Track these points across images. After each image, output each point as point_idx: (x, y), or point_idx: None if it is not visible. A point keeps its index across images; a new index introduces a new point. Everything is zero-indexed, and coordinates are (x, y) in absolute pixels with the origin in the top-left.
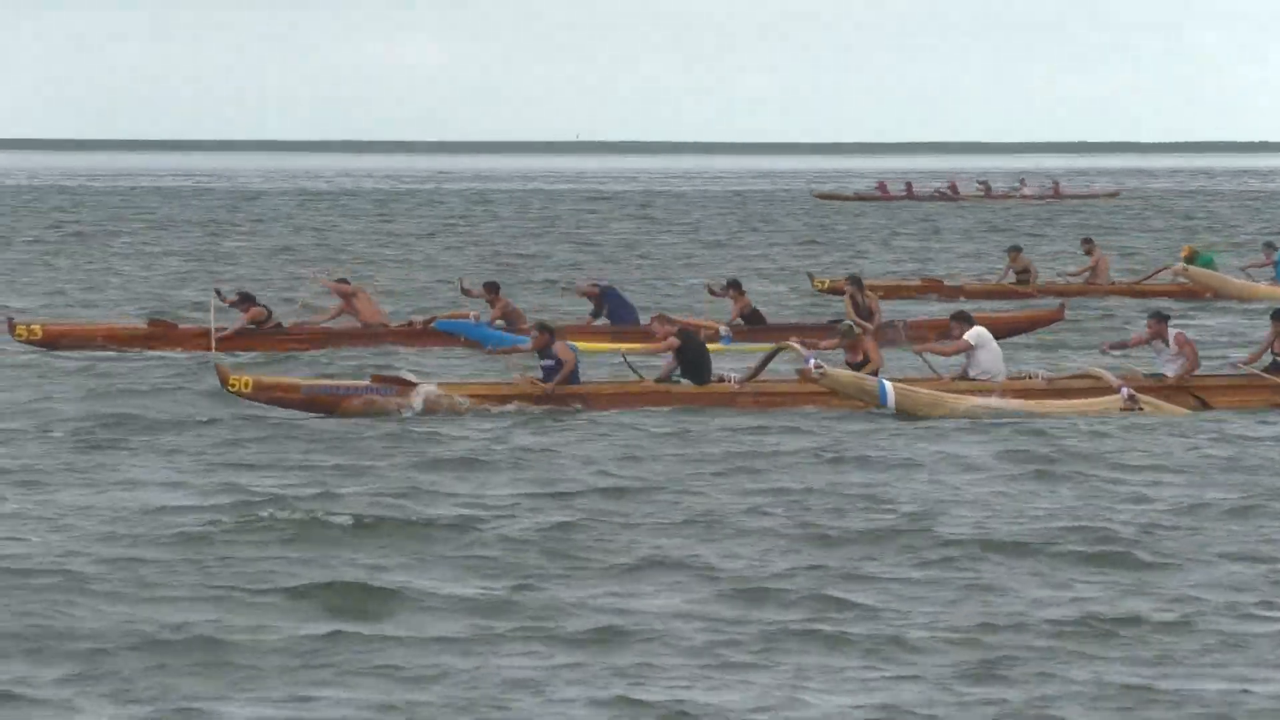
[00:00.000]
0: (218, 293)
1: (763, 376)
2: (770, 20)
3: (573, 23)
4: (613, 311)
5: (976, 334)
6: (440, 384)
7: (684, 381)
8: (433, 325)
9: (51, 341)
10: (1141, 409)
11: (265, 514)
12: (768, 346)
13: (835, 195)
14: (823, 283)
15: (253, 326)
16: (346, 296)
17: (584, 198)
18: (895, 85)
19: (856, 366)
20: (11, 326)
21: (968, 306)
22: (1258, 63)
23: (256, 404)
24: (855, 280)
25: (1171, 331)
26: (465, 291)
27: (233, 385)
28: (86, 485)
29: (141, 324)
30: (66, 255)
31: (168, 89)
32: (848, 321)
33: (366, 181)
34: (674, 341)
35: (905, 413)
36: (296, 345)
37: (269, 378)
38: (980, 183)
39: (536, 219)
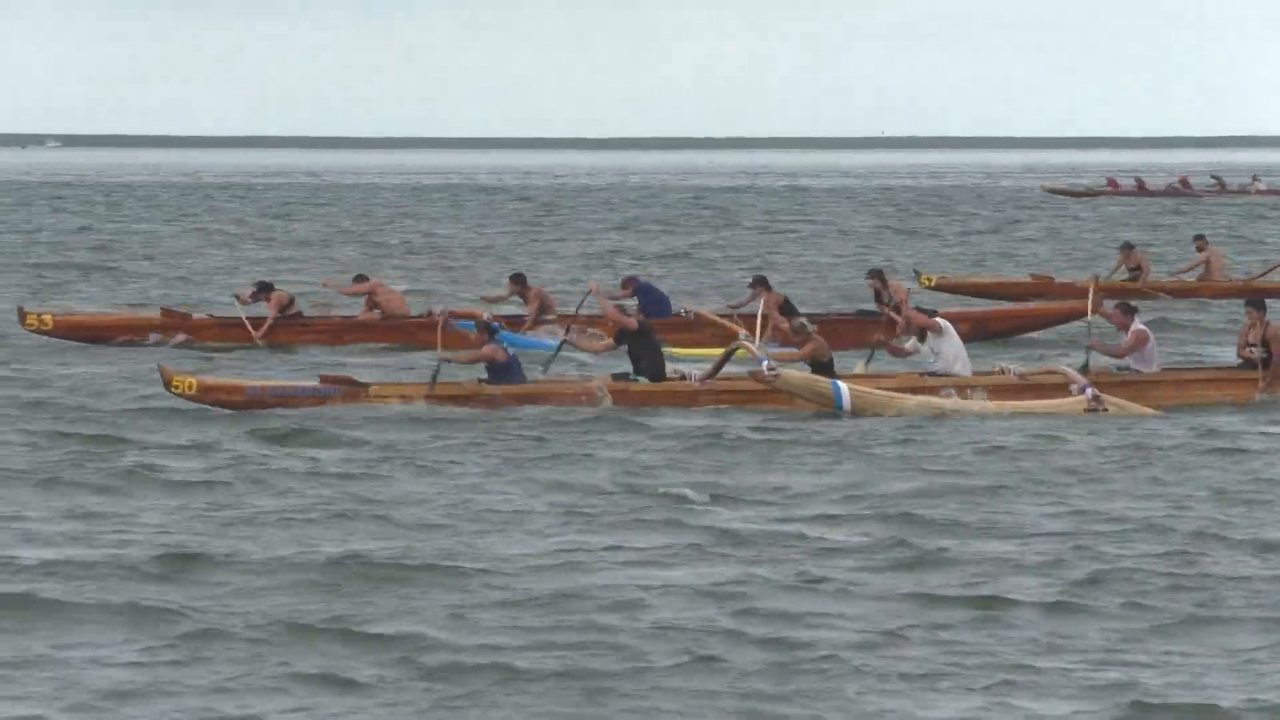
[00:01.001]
0: (236, 298)
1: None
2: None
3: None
4: (645, 306)
5: (944, 322)
6: (387, 384)
7: (641, 379)
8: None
9: (64, 332)
10: (1106, 409)
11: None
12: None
13: (1065, 191)
14: (930, 279)
15: (279, 315)
16: (368, 293)
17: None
18: None
19: (816, 365)
20: (22, 316)
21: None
22: None
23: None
24: (878, 274)
25: (1135, 324)
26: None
27: (176, 387)
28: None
29: (155, 314)
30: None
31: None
32: (800, 320)
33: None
34: (609, 343)
35: (862, 413)
36: (317, 337)
37: (213, 379)
38: (1214, 177)
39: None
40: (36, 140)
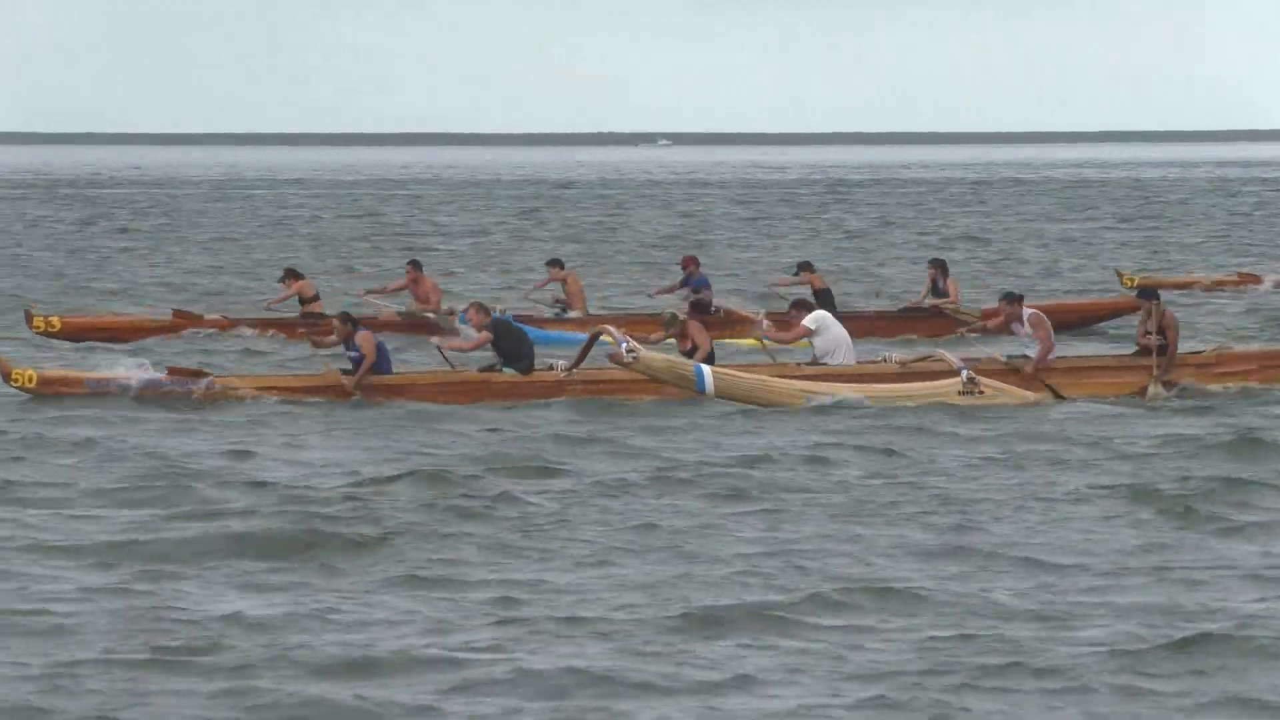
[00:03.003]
0: (267, 308)
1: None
2: None
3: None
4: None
5: (815, 318)
6: (234, 376)
7: (508, 371)
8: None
9: (72, 334)
10: (981, 392)
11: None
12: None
13: None
14: (1131, 279)
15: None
16: (410, 284)
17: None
18: None
19: (687, 354)
20: (29, 318)
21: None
22: None
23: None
24: (938, 263)
25: (1026, 312)
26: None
27: (15, 380)
28: None
29: (166, 315)
30: None
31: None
32: (670, 310)
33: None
34: (486, 335)
35: (726, 398)
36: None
37: (53, 372)
38: None
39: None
40: (648, 139)
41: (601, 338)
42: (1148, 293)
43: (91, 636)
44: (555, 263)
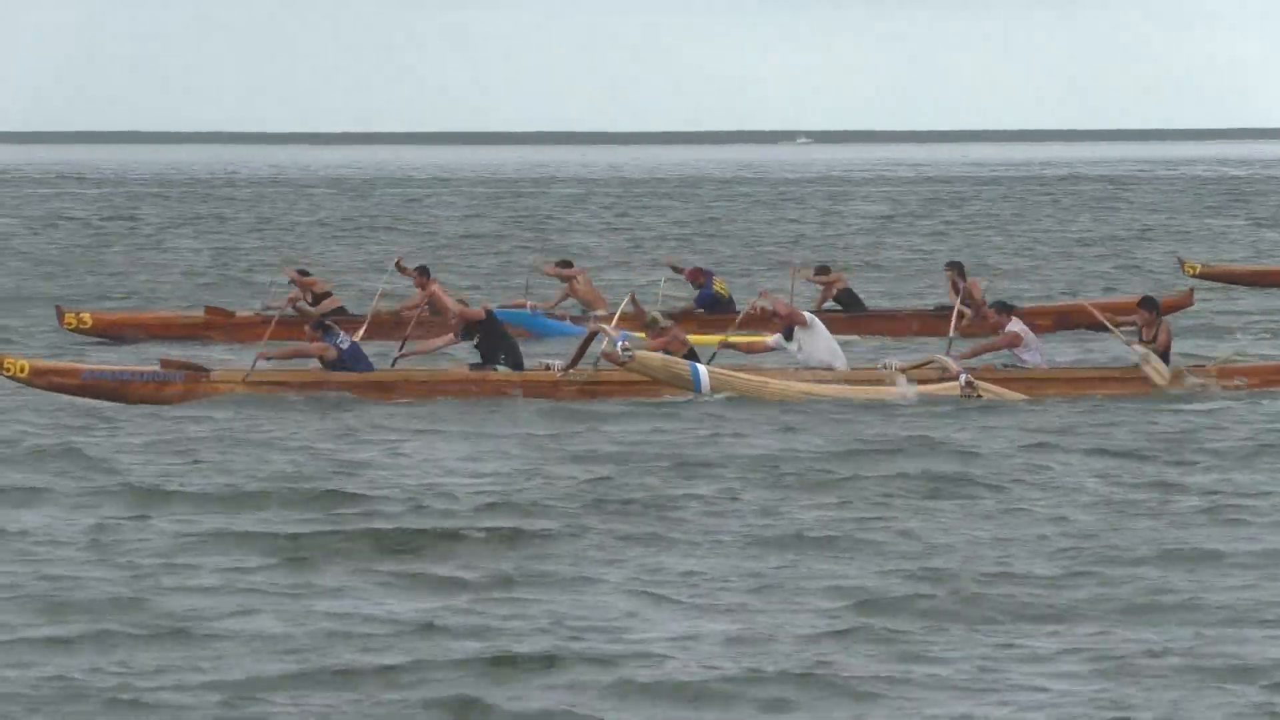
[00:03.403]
0: (295, 306)
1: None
2: None
3: None
4: (701, 299)
5: (807, 316)
6: (230, 370)
7: (500, 369)
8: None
9: (103, 331)
10: (979, 395)
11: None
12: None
13: None
14: (1194, 268)
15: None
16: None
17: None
18: None
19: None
20: (60, 315)
21: None
22: None
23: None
24: (957, 266)
25: (1012, 325)
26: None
27: (8, 370)
28: None
29: (198, 313)
30: None
31: None
32: (653, 313)
33: None
34: (451, 338)
35: (722, 396)
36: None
37: (46, 363)
38: None
39: None
40: (788, 136)
41: (598, 335)
42: (1150, 303)
43: (257, 643)
44: (565, 263)
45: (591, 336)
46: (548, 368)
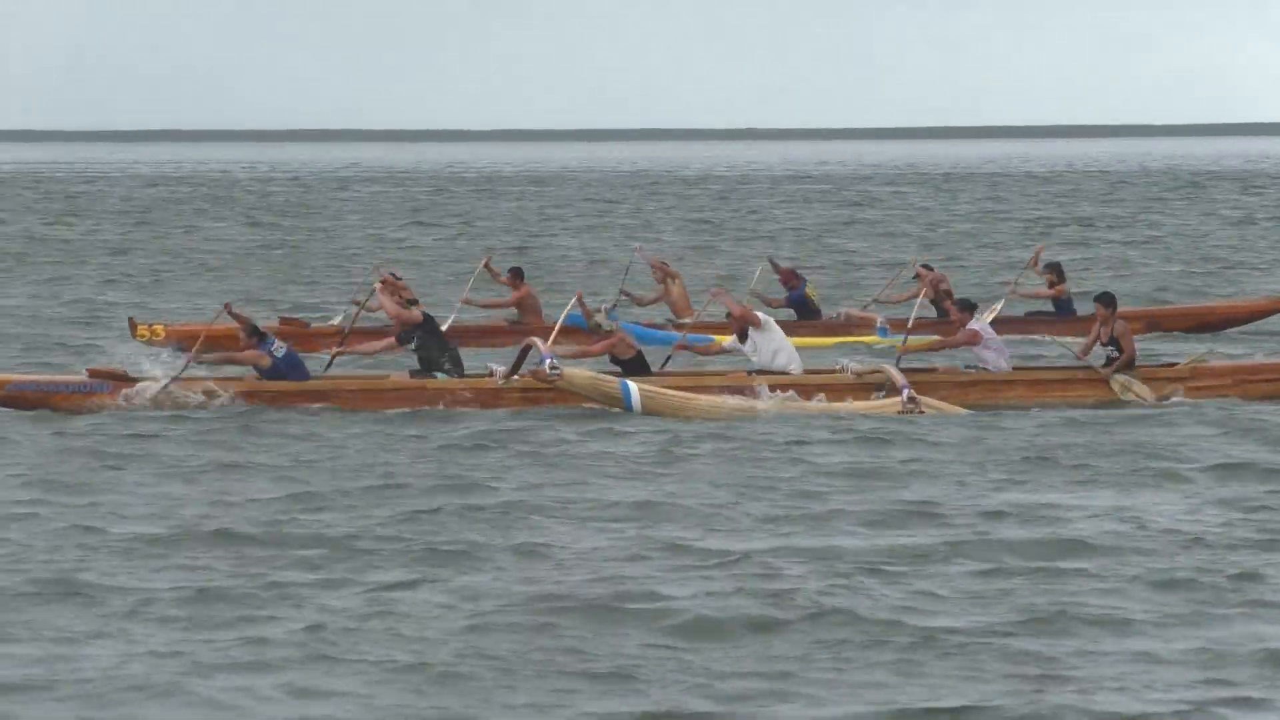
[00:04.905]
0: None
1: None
2: None
3: None
4: (791, 300)
5: (762, 317)
6: (170, 379)
7: (440, 376)
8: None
9: (176, 343)
10: (921, 411)
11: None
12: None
13: None
14: None
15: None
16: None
17: None
18: None
19: (624, 363)
20: (133, 327)
21: None
22: None
23: None
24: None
25: (973, 324)
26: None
27: None
28: None
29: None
30: None
31: None
32: (596, 320)
33: None
34: (391, 342)
35: (654, 414)
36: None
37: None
38: None
39: None
40: None
41: (531, 351)
42: (1107, 300)
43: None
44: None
45: (529, 347)
46: (491, 373)
